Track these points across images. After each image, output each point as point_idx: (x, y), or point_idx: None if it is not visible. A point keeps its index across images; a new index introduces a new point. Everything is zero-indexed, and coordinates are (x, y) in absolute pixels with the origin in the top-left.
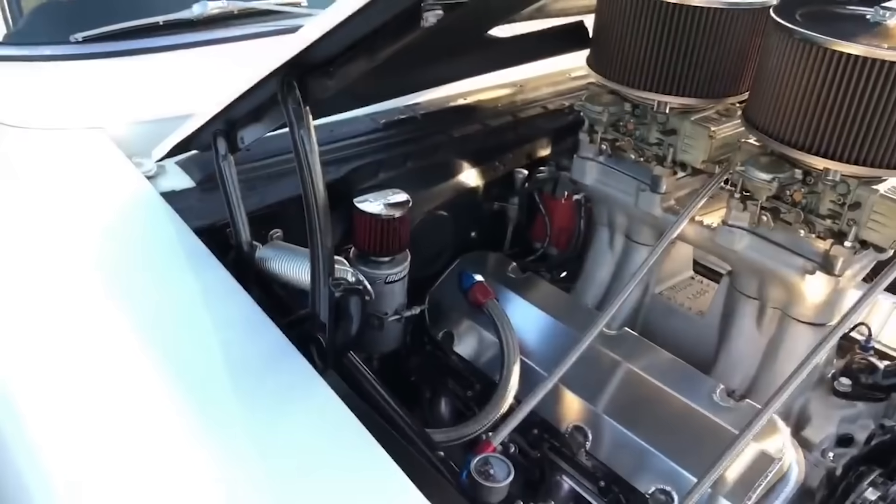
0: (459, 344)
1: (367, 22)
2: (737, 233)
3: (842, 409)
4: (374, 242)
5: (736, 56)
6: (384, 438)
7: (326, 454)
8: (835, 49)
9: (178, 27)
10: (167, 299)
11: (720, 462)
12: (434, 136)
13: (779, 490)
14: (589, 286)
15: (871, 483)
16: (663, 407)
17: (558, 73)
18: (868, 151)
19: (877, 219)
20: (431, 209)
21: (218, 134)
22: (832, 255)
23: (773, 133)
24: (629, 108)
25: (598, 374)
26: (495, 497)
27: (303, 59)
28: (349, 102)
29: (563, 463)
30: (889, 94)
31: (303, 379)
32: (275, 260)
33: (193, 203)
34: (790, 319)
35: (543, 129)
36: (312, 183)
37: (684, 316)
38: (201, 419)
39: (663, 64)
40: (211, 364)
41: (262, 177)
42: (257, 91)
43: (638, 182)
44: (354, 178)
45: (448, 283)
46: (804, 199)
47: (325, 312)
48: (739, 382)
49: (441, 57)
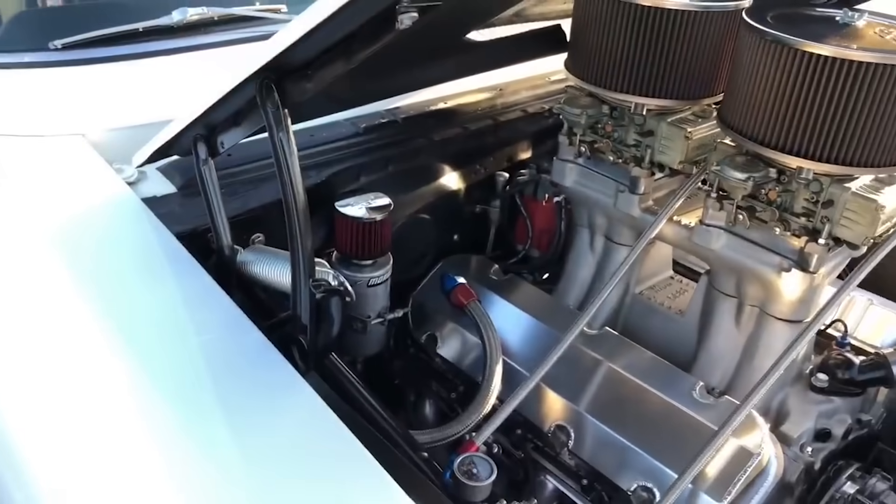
0: (443, 346)
1: (343, 25)
2: (714, 232)
3: (819, 405)
4: (355, 246)
5: (710, 58)
6: (367, 439)
7: (309, 455)
8: (805, 50)
9: (158, 33)
10: (149, 304)
11: (700, 458)
12: (415, 140)
13: (758, 484)
14: (570, 287)
15: (849, 477)
16: (644, 405)
17: (538, 77)
18: (839, 150)
19: (849, 216)
20: (413, 212)
21: (198, 139)
22: (807, 253)
23: (747, 133)
24: (607, 111)
25: (579, 373)
26: (479, 496)
27: (280, 62)
28: (329, 106)
29: (546, 462)
30: (858, 94)
31: (285, 381)
32: (256, 263)
33: (175, 208)
34: (767, 317)
35: (523, 133)
36: (292, 185)
37: (664, 315)
38: (184, 422)
39: (639, 66)
40: (193, 367)
41: (244, 181)
42: (236, 95)
43: (617, 183)
44: (336, 181)
45: (431, 285)
46: (779, 197)
47: (306, 314)
48: (719, 379)
49: (420, 61)
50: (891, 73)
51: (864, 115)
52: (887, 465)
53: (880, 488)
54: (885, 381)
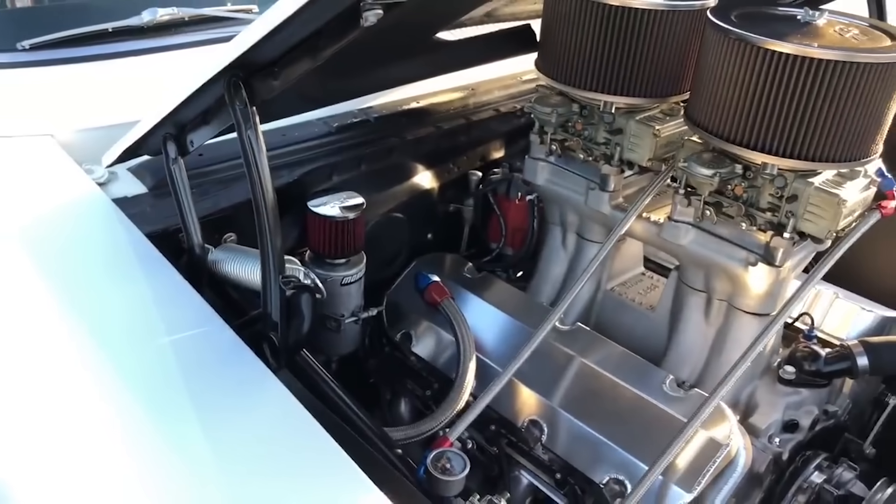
0: (417, 344)
1: (308, 22)
2: (682, 227)
3: (787, 396)
4: (328, 245)
5: (677, 56)
6: (340, 437)
7: (281, 452)
8: (768, 48)
9: (128, 34)
10: (119, 304)
11: (669, 450)
12: (387, 139)
13: (727, 475)
14: (543, 284)
15: (816, 467)
16: (616, 399)
17: (509, 77)
18: (802, 146)
19: (813, 210)
20: (386, 211)
21: (167, 138)
22: (772, 247)
23: (713, 130)
24: (577, 109)
25: (552, 369)
26: (452, 490)
27: (247, 60)
28: (300, 105)
29: (520, 457)
30: (819, 91)
31: (256, 378)
32: (227, 262)
33: (146, 208)
34: (735, 310)
35: (496, 132)
36: (261, 182)
37: (635, 310)
38: (156, 421)
39: (607, 65)
40: (164, 366)
41: (216, 181)
42: (204, 93)
43: (587, 181)
44: (308, 181)
45: (405, 284)
46: (745, 193)
47: (276, 311)
48: (689, 373)
49: (390, 60)
50: (850, 70)
51: (826, 111)
52: (854, 455)
53: (847, 477)
54: (850, 372)
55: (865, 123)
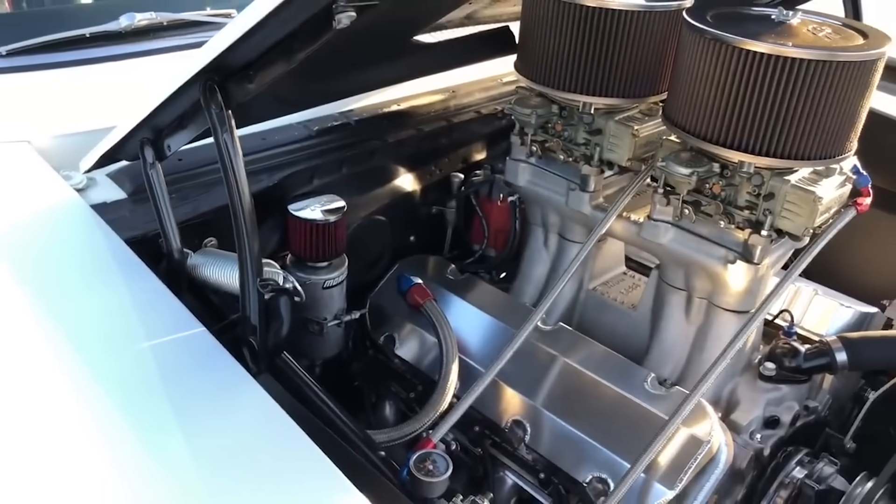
0: (401, 347)
1: (281, 24)
2: (661, 227)
3: (768, 393)
4: (310, 248)
5: (654, 57)
6: (323, 440)
7: (262, 456)
8: (743, 48)
9: (106, 39)
10: (98, 309)
11: (651, 448)
12: (369, 142)
13: (709, 472)
14: (526, 285)
15: (798, 462)
16: (598, 398)
17: (490, 79)
18: (778, 144)
19: (789, 208)
20: (368, 214)
21: (144, 142)
22: (751, 245)
23: (690, 129)
24: (556, 110)
25: (535, 369)
26: (435, 491)
27: (222, 63)
28: (279, 108)
29: (504, 458)
30: (794, 89)
31: (235, 382)
32: (206, 266)
33: (125, 214)
34: (716, 308)
35: (477, 134)
36: (237, 186)
37: (617, 310)
38: (135, 426)
39: (586, 66)
40: (144, 371)
41: (195, 186)
42: (180, 98)
43: (568, 182)
44: (289, 184)
45: (388, 287)
46: (723, 191)
47: (255, 314)
48: (671, 371)
49: (368, 62)
50: (823, 68)
51: (801, 109)
52: (834, 450)
53: (827, 472)
54: (829, 367)
55: (840, 121)
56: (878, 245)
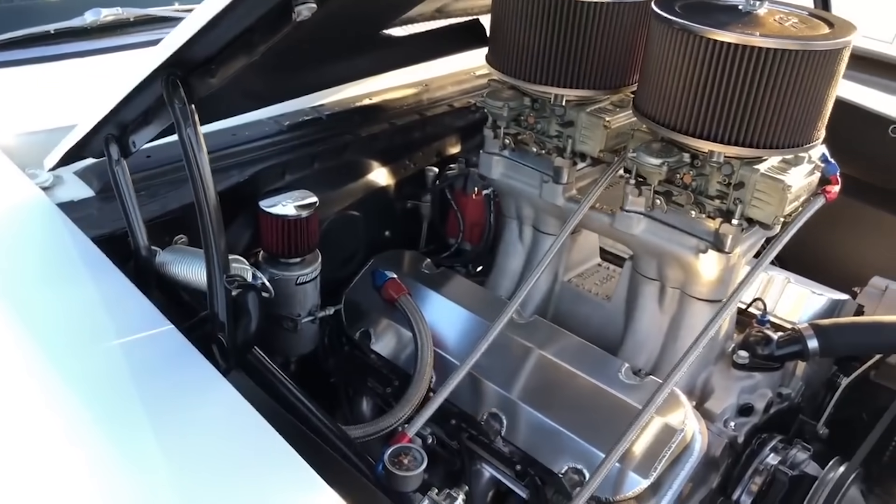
0: (377, 342)
1: (241, 17)
2: (634, 217)
3: (741, 381)
4: (282, 244)
5: (625, 48)
6: (297, 436)
7: (231, 454)
8: (711, 37)
9: (71, 35)
10: (64, 309)
11: (625, 437)
12: (341, 136)
13: (683, 460)
14: (501, 278)
15: (772, 449)
16: (573, 389)
17: (463, 72)
18: (747, 133)
19: (759, 196)
20: (342, 209)
21: (109, 139)
22: (722, 234)
23: (660, 120)
24: (528, 103)
25: (511, 361)
26: (410, 485)
27: (184, 58)
28: (247, 103)
29: (481, 450)
30: (761, 78)
31: (204, 380)
32: (174, 264)
33: (93, 212)
34: (689, 298)
35: (451, 127)
36: (202, 181)
37: (592, 301)
38: (104, 426)
39: (557, 57)
40: (112, 370)
41: (164, 183)
42: (144, 93)
43: (541, 174)
44: (260, 180)
45: (363, 282)
46: (693, 181)
47: (223, 311)
48: (645, 361)
49: (337, 56)
50: (790, 58)
51: (768, 98)
52: (808, 436)
53: (801, 458)
54: (801, 354)
55: (807, 110)
56: (848, 233)
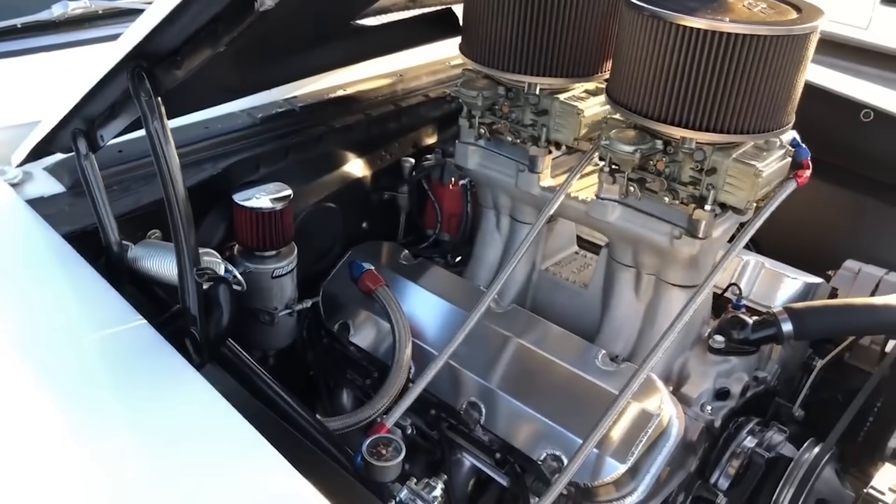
0: (356, 334)
1: (204, 8)
2: (609, 205)
3: (717, 365)
4: (256, 237)
5: (597, 36)
6: (274, 429)
7: (205, 449)
8: (680, 23)
9: (38, 29)
10: (34, 306)
11: (602, 423)
12: (315, 128)
13: (661, 445)
14: (479, 268)
15: (749, 432)
16: (551, 376)
17: (438, 62)
18: (718, 119)
19: (731, 182)
20: (318, 201)
21: (77, 133)
22: (695, 220)
23: (632, 107)
24: (503, 92)
25: (489, 350)
26: (389, 476)
27: (149, 49)
28: (218, 95)
29: (461, 439)
30: (731, 64)
31: (177, 374)
32: (146, 258)
33: (64, 208)
34: (664, 284)
35: (427, 117)
36: (170, 174)
37: (569, 289)
38: (77, 422)
39: (530, 46)
40: (84, 366)
41: (137, 178)
42: (110, 86)
43: (517, 163)
44: (234, 173)
45: (340, 274)
46: (667, 168)
47: (194, 305)
48: (622, 347)
49: (308, 47)
50: (759, 43)
51: (738, 84)
52: (784, 419)
53: (777, 440)
54: (776, 338)
55: (777, 95)
56: (822, 217)
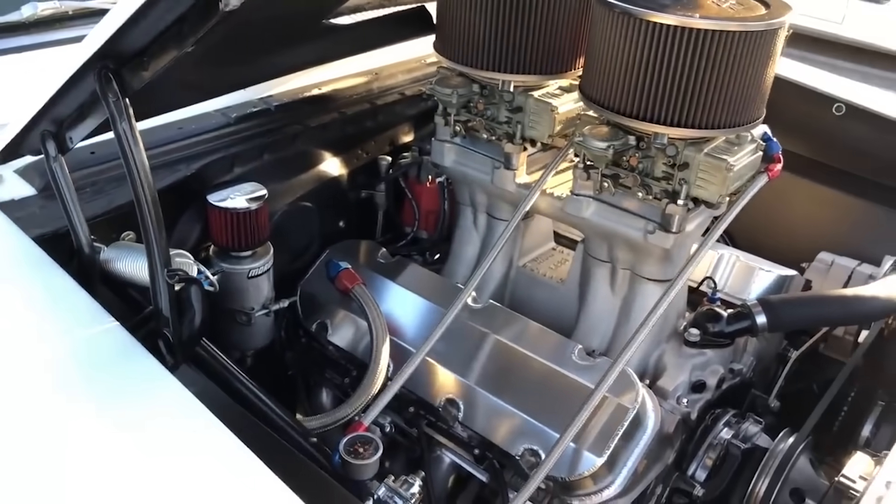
0: (334, 333)
1: (170, 8)
2: (583, 201)
3: (693, 358)
4: (231, 237)
5: (570, 33)
6: (251, 430)
7: (179, 450)
8: (651, 20)
9: (8, 30)
10: (6, 311)
11: (578, 417)
12: (290, 127)
13: (637, 438)
14: (457, 265)
15: (725, 423)
16: (528, 372)
17: (413, 60)
18: (689, 114)
19: (703, 176)
20: (294, 200)
21: (45, 135)
22: (668, 215)
23: (605, 103)
24: (477, 89)
25: (466, 347)
26: (366, 473)
27: (116, 50)
28: (190, 96)
29: (440, 436)
30: (700, 60)
31: (150, 376)
32: (118, 260)
33: (35, 211)
34: (639, 278)
35: (403, 116)
36: (139, 175)
37: (546, 285)
38: (49, 425)
39: (503, 43)
40: (56, 369)
41: (110, 179)
42: (77, 88)
43: (493, 160)
44: (208, 173)
45: (318, 273)
46: (640, 163)
47: (166, 306)
48: (599, 342)
49: (279, 46)
50: (728, 39)
51: (708, 79)
52: (760, 410)
53: (752, 431)
54: (750, 330)
55: (747, 90)
56: (796, 210)
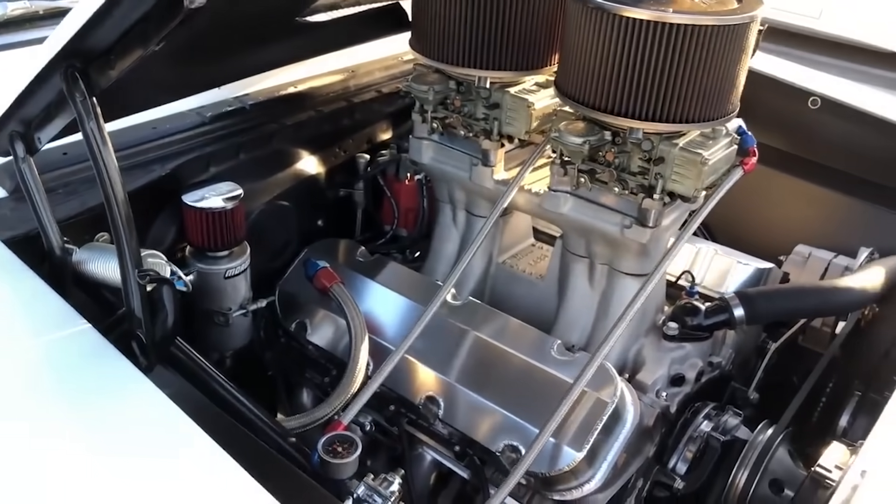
0: (313, 333)
1: (133, 6)
2: (561, 197)
3: (672, 352)
4: (207, 237)
5: (545, 28)
6: (227, 431)
7: (153, 452)
8: (624, 15)
9: None
10: None
11: (557, 412)
12: (266, 126)
13: (616, 432)
14: (437, 262)
15: (705, 416)
16: (507, 368)
17: (390, 58)
18: (663, 109)
19: (679, 171)
20: (271, 199)
21: (13, 136)
22: (644, 209)
23: (580, 99)
24: (454, 86)
25: (446, 344)
26: (345, 472)
27: (82, 49)
28: (162, 95)
29: (421, 434)
30: (674, 54)
31: (123, 378)
32: (90, 262)
33: (5, 213)
34: (617, 273)
35: (380, 113)
36: (108, 174)
37: (526, 281)
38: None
39: (478, 40)
40: (29, 373)
41: (83, 180)
42: (44, 87)
43: (470, 157)
44: (183, 173)
45: (296, 273)
46: (616, 158)
47: (138, 307)
48: (578, 337)
49: (251, 45)
50: (702, 33)
51: (682, 73)
52: (740, 402)
53: (732, 423)
54: (728, 323)
55: (720, 84)
56: (773, 203)
